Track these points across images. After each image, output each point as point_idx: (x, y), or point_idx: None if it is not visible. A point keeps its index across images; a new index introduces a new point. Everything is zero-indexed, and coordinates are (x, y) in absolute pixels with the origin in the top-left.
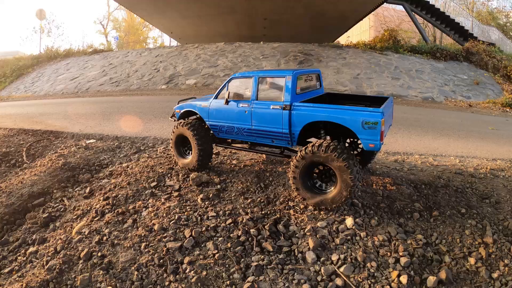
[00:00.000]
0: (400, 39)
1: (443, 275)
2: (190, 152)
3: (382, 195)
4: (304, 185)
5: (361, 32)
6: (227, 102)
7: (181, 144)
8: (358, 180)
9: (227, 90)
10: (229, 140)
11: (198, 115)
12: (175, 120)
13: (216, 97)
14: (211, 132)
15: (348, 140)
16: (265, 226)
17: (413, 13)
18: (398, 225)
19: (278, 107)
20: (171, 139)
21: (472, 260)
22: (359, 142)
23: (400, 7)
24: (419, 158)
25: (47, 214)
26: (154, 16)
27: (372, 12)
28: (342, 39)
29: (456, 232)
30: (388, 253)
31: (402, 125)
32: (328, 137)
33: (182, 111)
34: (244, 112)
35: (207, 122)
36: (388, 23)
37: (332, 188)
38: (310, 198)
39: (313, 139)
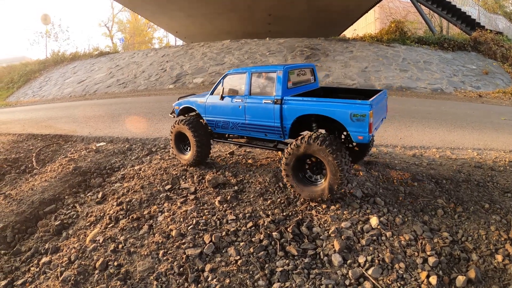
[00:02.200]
0: (406, 30)
1: (472, 274)
2: (189, 148)
3: (404, 192)
4: (302, 182)
5: (367, 24)
6: (222, 98)
7: (181, 141)
8: (343, 157)
9: (222, 86)
10: (227, 135)
11: (196, 112)
12: (174, 117)
13: (212, 93)
14: (209, 127)
15: (343, 134)
16: (288, 229)
17: (419, 3)
18: (423, 223)
19: (269, 101)
20: (171, 137)
21: (499, 257)
22: None
23: None
24: (437, 151)
25: (59, 221)
26: (158, 16)
27: (377, 4)
28: (348, 33)
29: (482, 228)
30: (416, 253)
31: (415, 118)
32: (322, 130)
33: (181, 107)
34: (238, 107)
35: (204, 118)
36: (394, 14)
37: (324, 178)
38: (323, 192)
39: (307, 132)
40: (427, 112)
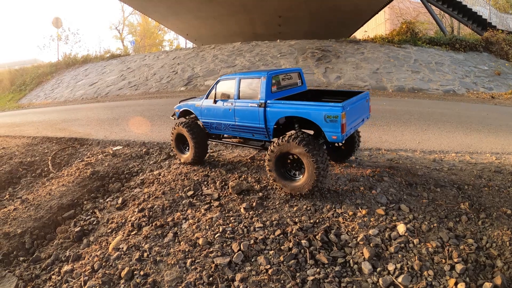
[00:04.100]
0: (417, 31)
1: (498, 280)
2: (189, 148)
3: (427, 198)
4: (285, 177)
5: (377, 25)
6: (215, 101)
7: (181, 142)
8: (319, 155)
9: (215, 90)
10: (222, 136)
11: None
12: (175, 119)
13: (206, 97)
14: (205, 129)
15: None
16: (316, 236)
17: (429, 4)
18: (448, 229)
19: (255, 105)
20: (172, 139)
21: None
22: None
23: None
24: (456, 156)
25: (79, 227)
26: (168, 19)
27: (388, 5)
28: (359, 34)
29: (505, 234)
30: (443, 260)
31: (430, 121)
32: (310, 131)
33: (180, 110)
34: (229, 110)
35: (200, 120)
36: (404, 15)
37: (302, 174)
38: (302, 187)
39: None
40: (442, 115)
